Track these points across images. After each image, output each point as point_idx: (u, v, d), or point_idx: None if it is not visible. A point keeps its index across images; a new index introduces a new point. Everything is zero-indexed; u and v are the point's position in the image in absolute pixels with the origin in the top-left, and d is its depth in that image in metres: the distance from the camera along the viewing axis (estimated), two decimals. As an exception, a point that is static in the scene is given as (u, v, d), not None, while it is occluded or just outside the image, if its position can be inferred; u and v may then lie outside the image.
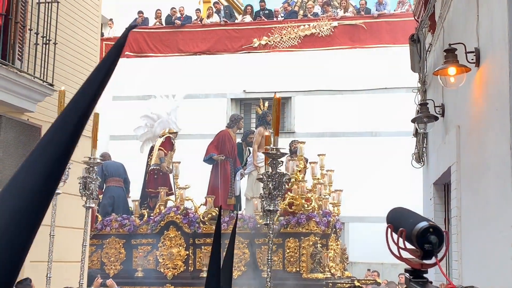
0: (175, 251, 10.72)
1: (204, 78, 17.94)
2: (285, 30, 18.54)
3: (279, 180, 3.86)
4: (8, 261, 0.88)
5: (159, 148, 11.97)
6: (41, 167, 0.89)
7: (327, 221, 10.51)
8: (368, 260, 15.45)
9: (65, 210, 8.98)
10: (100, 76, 0.92)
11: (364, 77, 17.42)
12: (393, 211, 1.83)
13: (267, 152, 3.84)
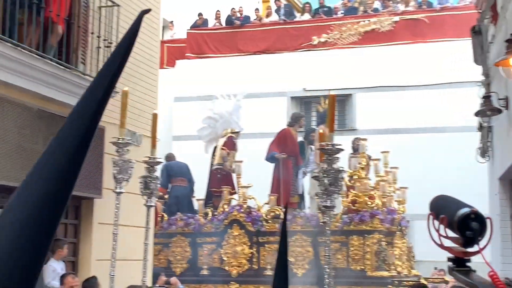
0: (239, 249, 10.94)
1: (264, 77, 18.13)
2: (345, 26, 18.55)
3: (335, 176, 3.93)
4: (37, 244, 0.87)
5: (222, 148, 12.20)
6: (63, 153, 0.88)
7: (391, 218, 10.51)
8: (435, 259, 15.25)
9: (129, 209, 9.35)
10: (116, 62, 0.91)
11: (427, 72, 17.24)
12: (435, 199, 1.79)
13: (323, 148, 3.95)
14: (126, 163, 4.44)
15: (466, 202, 1.73)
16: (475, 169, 13.69)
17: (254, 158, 12.67)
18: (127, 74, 9.43)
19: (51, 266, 7.81)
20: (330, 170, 3.93)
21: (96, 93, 0.92)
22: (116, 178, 4.45)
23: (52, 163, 0.90)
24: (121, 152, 4.50)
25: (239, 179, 11.64)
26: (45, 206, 0.89)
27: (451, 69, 16.94)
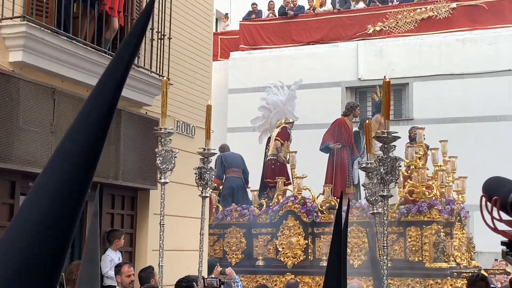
0: (294, 240, 10.86)
1: (318, 67, 17.98)
2: (401, 14, 18.19)
3: (392, 165, 3.77)
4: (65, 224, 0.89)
5: (276, 138, 12.11)
6: (83, 134, 0.90)
7: (450, 209, 10.22)
8: (495, 250, 14.88)
9: (184, 200, 9.38)
10: (132, 44, 0.93)
11: (486, 59, 16.80)
12: (489, 180, 1.70)
13: (378, 136, 3.80)
14: (169, 153, 4.38)
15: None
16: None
17: (308, 149, 12.56)
18: (180, 66, 9.45)
19: (109, 256, 7.89)
20: (386, 159, 3.77)
21: (116, 72, 0.93)
22: (160, 168, 4.39)
23: (74, 142, 0.92)
24: (164, 142, 4.44)
25: (294, 170, 11.55)
26: (67, 188, 0.90)
27: (509, 56, 16.44)
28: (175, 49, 9.15)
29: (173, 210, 9.01)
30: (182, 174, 9.35)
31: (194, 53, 9.97)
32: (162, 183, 4.46)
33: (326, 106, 17.42)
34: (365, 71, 17.82)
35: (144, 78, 8.26)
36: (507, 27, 17.01)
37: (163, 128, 4.46)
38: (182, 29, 9.66)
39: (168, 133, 4.47)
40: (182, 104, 9.54)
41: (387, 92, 3.70)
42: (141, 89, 8.30)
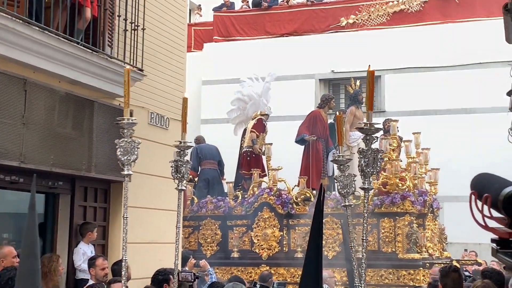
0: (269, 232, 10.83)
1: (292, 59, 17.93)
2: (373, 7, 18.20)
3: (373, 157, 3.69)
4: None
5: (251, 130, 12.06)
6: None
7: (423, 200, 10.29)
8: (465, 241, 15.06)
9: (158, 193, 9.26)
10: None
11: (457, 53, 16.90)
12: (478, 177, 1.69)
13: (361, 128, 3.71)
14: (130, 144, 4.25)
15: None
16: (505, 150, 13.36)
17: (282, 141, 12.53)
18: (154, 58, 9.29)
19: (81, 249, 7.79)
20: (367, 151, 3.67)
21: None
22: (121, 160, 4.26)
23: None
24: (126, 133, 4.30)
25: (269, 162, 11.50)
26: None
27: (480, 50, 16.56)
28: (149, 40, 9.00)
29: (147, 202, 8.89)
30: (156, 166, 9.23)
31: (168, 44, 9.83)
32: (125, 176, 4.30)
33: (299, 98, 17.39)
34: (338, 63, 17.81)
35: (117, 69, 8.09)
36: (478, 21, 17.12)
37: (125, 118, 4.30)
38: (156, 19, 9.50)
39: (131, 124, 4.33)
40: (156, 95, 9.41)
41: (371, 82, 3.61)
42: (114, 80, 8.14)
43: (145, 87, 8.93)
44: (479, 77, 16.55)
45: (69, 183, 7.94)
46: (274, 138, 12.37)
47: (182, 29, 10.47)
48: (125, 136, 4.31)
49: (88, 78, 7.73)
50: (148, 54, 8.97)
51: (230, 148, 13.25)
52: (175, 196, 9.92)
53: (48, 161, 7.10)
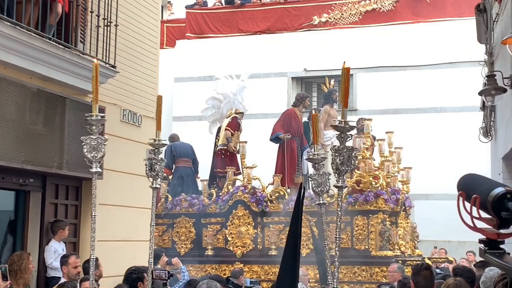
0: (243, 230, 10.81)
1: (265, 57, 17.92)
2: (346, 6, 18.27)
3: (348, 155, 3.67)
4: None
5: (226, 128, 12.02)
6: None
7: (395, 198, 10.37)
8: (435, 238, 15.24)
9: (131, 190, 9.18)
10: None
11: (428, 52, 17.06)
12: (465, 178, 1.68)
13: (336, 126, 3.68)
14: (97, 141, 4.17)
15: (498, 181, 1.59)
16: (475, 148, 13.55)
17: (254, 138, 12.51)
18: (127, 54, 9.21)
19: (53, 247, 7.71)
20: (342, 149, 3.64)
21: None
22: (87, 157, 4.18)
23: None
24: (95, 130, 4.23)
25: (244, 160, 11.47)
26: None
27: (451, 49, 16.75)
28: (121, 36, 8.91)
29: (119, 200, 8.81)
30: (129, 164, 9.14)
31: (141, 41, 9.75)
32: (93, 173, 4.22)
33: (272, 96, 17.41)
34: (310, 62, 17.85)
35: (89, 66, 7.97)
36: (449, 21, 17.31)
37: (94, 114, 4.22)
38: (129, 16, 9.42)
39: (99, 120, 4.25)
40: (128, 92, 9.33)
41: (346, 79, 3.58)
42: (86, 77, 8.03)
43: (118, 84, 8.84)
44: (449, 76, 16.74)
45: (40, 180, 7.83)
46: (246, 136, 12.35)
47: (155, 26, 10.40)
48: (93, 133, 4.23)
49: (60, 75, 7.63)
50: (121, 50, 8.89)
51: (202, 145, 13.19)
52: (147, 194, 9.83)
53: (19, 158, 6.98)
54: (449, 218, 15.72)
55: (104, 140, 4.16)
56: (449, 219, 16.22)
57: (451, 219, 14.66)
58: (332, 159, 3.62)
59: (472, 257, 13.72)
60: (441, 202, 15.98)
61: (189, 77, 18.35)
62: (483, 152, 12.75)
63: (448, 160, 15.98)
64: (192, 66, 18.37)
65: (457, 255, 13.75)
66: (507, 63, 8.45)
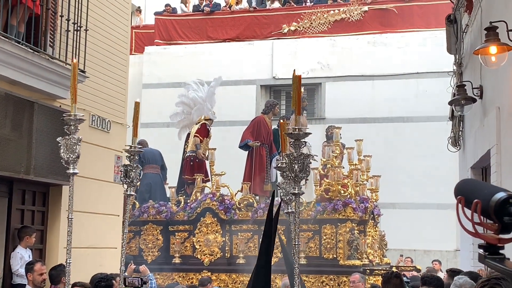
0: (211, 238, 10.78)
1: (234, 64, 17.98)
2: (315, 15, 18.45)
3: (302, 162, 3.60)
4: None
5: (195, 134, 11.99)
6: None
7: (364, 207, 10.45)
8: (401, 247, 15.42)
9: (99, 197, 9.12)
10: None
11: (395, 62, 17.31)
12: (463, 183, 1.67)
13: (290, 133, 3.71)
14: (71, 141, 4.15)
15: (498, 186, 1.60)
16: (443, 158, 13.78)
17: (222, 146, 12.52)
18: (97, 59, 9.18)
19: (19, 253, 7.63)
20: (299, 156, 3.65)
21: None
22: (64, 159, 4.16)
23: None
24: (73, 130, 4.20)
25: (212, 167, 11.46)
26: None
27: (418, 60, 17.04)
28: (91, 41, 8.89)
29: (86, 206, 8.74)
30: (97, 170, 9.08)
31: (111, 46, 9.73)
32: (71, 174, 4.20)
33: (240, 104, 17.48)
34: (279, 70, 17.96)
35: (58, 70, 7.96)
36: (416, 32, 17.61)
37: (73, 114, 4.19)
38: (99, 21, 9.40)
39: (78, 120, 4.22)
40: (97, 98, 9.30)
41: (298, 87, 3.61)
42: (55, 81, 8.00)
43: (87, 89, 8.80)
44: (417, 86, 17.01)
45: (7, 186, 7.74)
46: (214, 142, 12.35)
47: (125, 31, 10.38)
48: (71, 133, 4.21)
49: (29, 79, 7.57)
50: (91, 55, 8.86)
51: (170, 152, 13.16)
52: (116, 200, 9.79)
53: (-14, 163, 6.89)
54: (415, 227, 15.94)
55: (78, 139, 4.15)
56: (415, 228, 16.40)
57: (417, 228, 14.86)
58: (288, 167, 3.60)
59: (438, 266, 13.92)
60: (407, 211, 16.22)
61: (157, 84, 18.31)
62: (450, 162, 12.98)
63: (415, 170, 16.22)
64: (160, 72, 18.34)
65: (423, 263, 13.93)
66: (476, 73, 8.61)
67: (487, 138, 7.52)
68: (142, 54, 19.02)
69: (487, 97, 7.94)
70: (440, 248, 16.10)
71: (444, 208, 15.63)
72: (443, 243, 15.95)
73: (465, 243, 9.86)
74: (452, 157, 11.96)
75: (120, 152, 9.62)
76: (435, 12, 16.96)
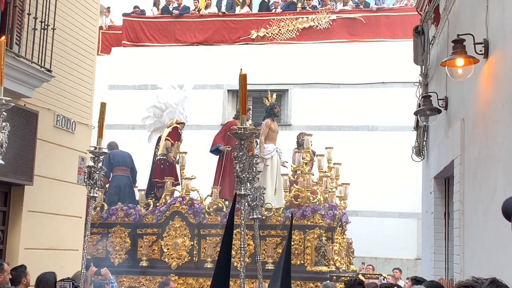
0: (180, 242, 10.84)
1: (201, 68, 18.04)
2: (284, 22, 18.66)
3: (249, 162, 3.66)
4: None
5: (166, 138, 12.04)
6: None
7: (332, 214, 10.62)
8: (362, 254, 15.66)
9: (62, 198, 9.10)
10: None
11: (362, 71, 17.56)
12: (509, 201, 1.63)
13: (235, 132, 3.68)
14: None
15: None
16: (406, 167, 14.06)
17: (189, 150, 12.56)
18: (63, 59, 9.16)
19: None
20: (242, 156, 3.67)
21: None
22: None
23: None
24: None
25: (183, 171, 11.53)
26: None
27: (384, 69, 17.34)
28: (58, 40, 8.88)
29: (50, 207, 8.73)
30: (61, 171, 9.08)
31: (78, 46, 9.73)
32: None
33: (207, 108, 17.55)
34: (247, 75, 18.06)
35: (24, 69, 7.93)
36: (382, 41, 17.94)
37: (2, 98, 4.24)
38: (67, 20, 9.38)
39: (4, 105, 4.27)
40: (63, 98, 9.29)
41: (243, 85, 3.76)
42: (20, 80, 7.96)
43: (53, 88, 8.80)
44: (382, 96, 17.29)
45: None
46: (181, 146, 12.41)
47: (93, 31, 10.38)
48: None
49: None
50: (57, 55, 8.85)
51: (135, 154, 13.16)
52: (79, 202, 9.76)
53: None
54: (376, 235, 16.18)
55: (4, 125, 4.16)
56: (377, 236, 16.64)
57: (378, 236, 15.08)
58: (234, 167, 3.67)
59: (398, 274, 14.18)
60: (369, 219, 16.45)
61: (123, 85, 18.27)
62: (413, 171, 13.25)
63: (378, 178, 16.49)
64: (127, 74, 18.29)
65: (384, 271, 14.18)
66: (442, 84, 8.79)
67: (451, 149, 7.65)
68: (109, 55, 18.96)
69: (452, 109, 8.08)
70: (401, 257, 16.38)
71: (406, 217, 15.96)
72: (404, 252, 16.25)
73: (426, 252, 10.08)
74: (416, 167, 12.21)
75: (84, 153, 9.63)
76: (402, 23, 17.33)
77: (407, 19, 16.48)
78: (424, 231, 10.03)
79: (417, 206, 11.69)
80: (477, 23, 6.16)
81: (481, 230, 5.75)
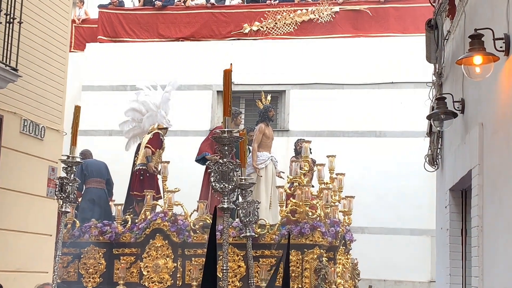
0: (161, 263, 10.82)
1: (187, 67, 18.00)
2: (280, 15, 18.63)
3: (229, 169, 3.69)
4: None
5: (146, 145, 12.00)
6: None
7: (335, 231, 10.57)
8: (369, 276, 15.59)
9: (30, 214, 9.06)
10: None
11: (368, 70, 17.52)
12: None
13: (218, 136, 3.69)
14: None
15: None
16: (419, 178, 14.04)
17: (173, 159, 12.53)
18: (31, 56, 9.15)
19: None
20: (225, 163, 3.70)
21: None
22: None
23: None
24: None
25: (165, 182, 11.48)
26: None
27: (394, 68, 17.31)
28: (26, 36, 8.90)
29: (15, 224, 8.70)
30: (28, 182, 9.04)
31: (48, 42, 9.73)
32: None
33: (194, 111, 17.50)
34: (239, 74, 18.02)
35: (-13, 66, 7.95)
36: (391, 36, 17.92)
37: None
38: (35, 13, 9.39)
39: None
40: (31, 100, 9.29)
41: (227, 83, 3.77)
42: (-17, 78, 7.98)
43: (19, 89, 8.80)
44: (391, 98, 17.25)
45: None
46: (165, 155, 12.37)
47: (64, 25, 10.39)
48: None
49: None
50: (24, 51, 8.85)
51: (112, 164, 13.10)
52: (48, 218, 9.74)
53: None
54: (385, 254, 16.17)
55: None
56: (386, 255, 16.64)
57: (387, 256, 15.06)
58: (212, 177, 3.65)
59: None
60: (377, 237, 16.41)
61: (99, 86, 18.21)
62: (427, 182, 13.23)
63: (387, 190, 16.45)
64: (103, 73, 18.24)
65: (394, 296, 14.16)
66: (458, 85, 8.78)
67: (468, 158, 7.63)
68: (83, 52, 18.92)
69: (469, 112, 8.07)
70: (412, 279, 16.34)
71: (418, 234, 15.92)
72: (417, 273, 16.21)
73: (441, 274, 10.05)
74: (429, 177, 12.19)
75: (55, 163, 9.61)
76: (413, 16, 17.32)
77: (419, 11, 16.46)
78: (438, 250, 10.01)
79: (430, 222, 11.65)
80: (497, 16, 6.15)
81: (502, 249, 5.71)
